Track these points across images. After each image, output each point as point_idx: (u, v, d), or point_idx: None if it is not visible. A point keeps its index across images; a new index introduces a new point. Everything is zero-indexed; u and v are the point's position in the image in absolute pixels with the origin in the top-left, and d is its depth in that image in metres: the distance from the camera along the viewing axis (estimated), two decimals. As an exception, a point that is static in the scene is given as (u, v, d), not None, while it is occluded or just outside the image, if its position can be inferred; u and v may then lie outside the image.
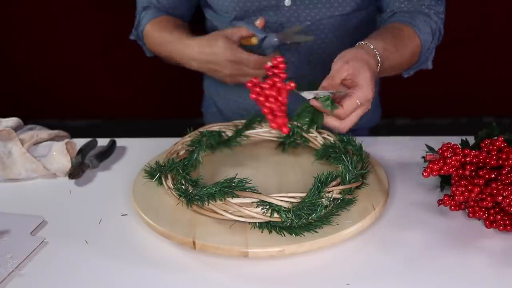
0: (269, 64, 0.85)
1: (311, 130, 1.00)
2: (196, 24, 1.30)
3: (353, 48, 0.88)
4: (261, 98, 0.85)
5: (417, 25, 1.04)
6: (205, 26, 1.31)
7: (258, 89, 0.85)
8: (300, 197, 0.78)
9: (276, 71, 0.85)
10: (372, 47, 0.89)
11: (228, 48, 1.00)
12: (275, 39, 1.02)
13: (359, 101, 0.81)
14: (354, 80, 0.82)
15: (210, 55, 1.03)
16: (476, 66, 2.64)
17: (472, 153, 0.79)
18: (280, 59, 0.85)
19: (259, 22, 1.03)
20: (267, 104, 0.85)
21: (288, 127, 0.86)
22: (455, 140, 0.88)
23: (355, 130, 1.28)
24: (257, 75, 0.98)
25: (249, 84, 0.85)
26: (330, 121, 0.84)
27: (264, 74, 0.97)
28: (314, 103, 0.83)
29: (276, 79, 0.85)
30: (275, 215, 0.76)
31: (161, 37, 1.16)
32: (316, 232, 0.75)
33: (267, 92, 0.84)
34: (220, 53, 1.01)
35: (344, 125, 0.83)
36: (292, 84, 0.83)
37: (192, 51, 1.07)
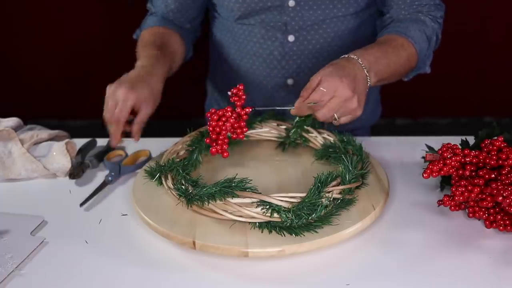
0: (229, 93, 0.91)
1: (311, 130, 1.01)
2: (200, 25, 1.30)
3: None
4: (210, 128, 0.90)
5: (411, 35, 1.07)
6: (210, 29, 1.32)
7: (210, 119, 0.90)
8: (300, 197, 0.78)
9: (235, 98, 0.91)
10: (352, 56, 0.96)
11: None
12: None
13: (325, 89, 0.89)
14: (320, 80, 0.91)
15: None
16: (477, 66, 2.64)
17: (472, 153, 0.79)
18: (240, 87, 0.91)
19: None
20: (211, 134, 0.90)
21: (227, 152, 0.91)
22: (455, 140, 0.88)
23: (356, 129, 1.30)
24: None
25: (207, 114, 0.90)
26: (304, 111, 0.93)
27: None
28: (294, 112, 0.94)
29: (229, 109, 0.89)
30: (275, 215, 0.76)
31: (141, 51, 1.14)
32: (316, 232, 0.75)
33: (214, 123, 0.89)
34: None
35: (322, 113, 0.90)
36: (248, 109, 0.90)
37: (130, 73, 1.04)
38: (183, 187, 0.82)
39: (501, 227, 0.79)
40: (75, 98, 2.79)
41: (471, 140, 0.91)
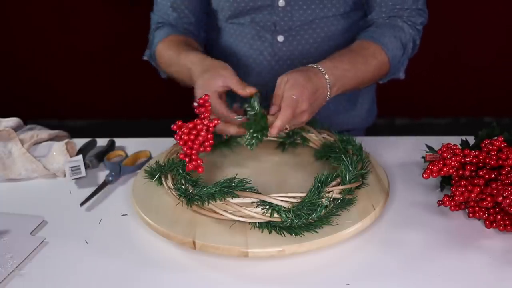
0: (195, 103, 0.84)
1: (310, 130, 1.01)
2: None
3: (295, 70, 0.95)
4: (181, 142, 0.83)
5: (384, 43, 1.07)
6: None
7: (180, 132, 0.83)
8: (300, 197, 0.78)
9: (202, 109, 0.84)
10: (318, 67, 0.96)
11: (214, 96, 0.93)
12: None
13: (294, 96, 0.89)
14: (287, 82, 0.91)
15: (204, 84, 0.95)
16: (476, 66, 2.64)
17: (472, 153, 0.79)
18: (206, 98, 0.84)
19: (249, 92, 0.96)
20: (184, 149, 0.83)
21: (202, 167, 0.83)
22: (455, 140, 0.88)
23: (350, 130, 1.29)
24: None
25: (174, 127, 0.83)
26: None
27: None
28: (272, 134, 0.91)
29: (198, 121, 0.83)
30: (275, 215, 0.76)
31: (170, 56, 1.10)
32: (316, 232, 0.75)
33: (186, 137, 0.83)
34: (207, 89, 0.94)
35: (276, 126, 0.90)
36: (216, 121, 0.84)
37: (196, 69, 0.99)
38: (183, 187, 0.82)
39: (501, 227, 0.79)
40: (75, 98, 2.79)
41: (471, 140, 0.91)
